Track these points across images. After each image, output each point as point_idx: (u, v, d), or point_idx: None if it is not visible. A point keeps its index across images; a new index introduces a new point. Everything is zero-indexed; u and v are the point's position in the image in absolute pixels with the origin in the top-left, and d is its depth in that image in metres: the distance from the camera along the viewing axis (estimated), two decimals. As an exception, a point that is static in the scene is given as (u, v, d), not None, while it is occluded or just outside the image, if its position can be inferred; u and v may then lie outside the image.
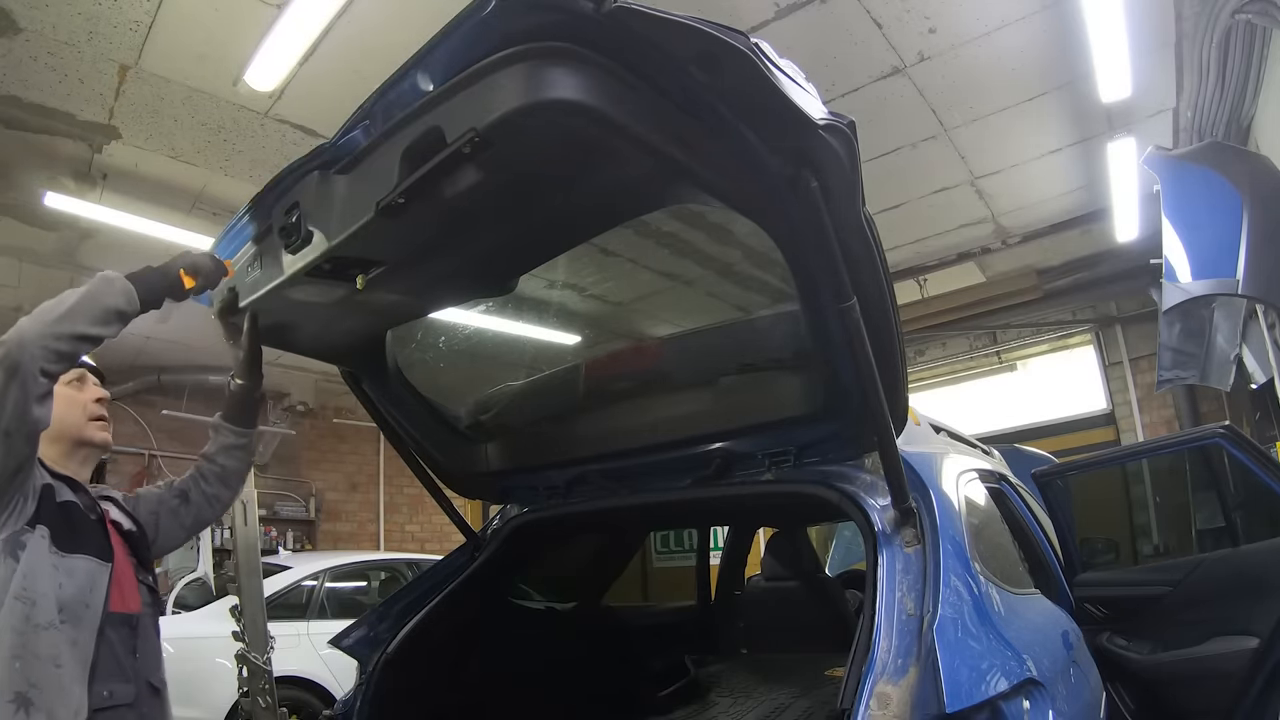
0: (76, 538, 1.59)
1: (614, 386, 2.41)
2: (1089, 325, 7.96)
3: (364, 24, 3.81)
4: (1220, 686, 2.45)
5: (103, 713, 1.53)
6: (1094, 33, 4.03)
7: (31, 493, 1.56)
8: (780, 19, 4.03)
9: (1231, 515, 3.01)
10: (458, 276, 1.86)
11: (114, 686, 1.56)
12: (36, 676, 1.44)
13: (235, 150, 4.86)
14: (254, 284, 1.80)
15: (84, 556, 1.58)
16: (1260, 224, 3.48)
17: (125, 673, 1.60)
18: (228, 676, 3.97)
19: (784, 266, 1.55)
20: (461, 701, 2.65)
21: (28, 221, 5.43)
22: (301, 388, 9.55)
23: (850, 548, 5.90)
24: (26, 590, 1.47)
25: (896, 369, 1.62)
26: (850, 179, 1.35)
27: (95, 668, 1.53)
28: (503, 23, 1.14)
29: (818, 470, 1.98)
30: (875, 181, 2.30)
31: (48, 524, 1.55)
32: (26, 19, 3.69)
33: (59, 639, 1.48)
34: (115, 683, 1.57)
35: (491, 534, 2.68)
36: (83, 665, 1.50)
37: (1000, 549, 2.14)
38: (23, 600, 1.46)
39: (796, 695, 3.07)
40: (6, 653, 1.44)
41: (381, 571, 7.08)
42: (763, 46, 1.16)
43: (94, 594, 1.57)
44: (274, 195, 1.65)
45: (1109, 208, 6.03)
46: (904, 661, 1.46)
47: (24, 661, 1.44)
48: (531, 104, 1.17)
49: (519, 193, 1.44)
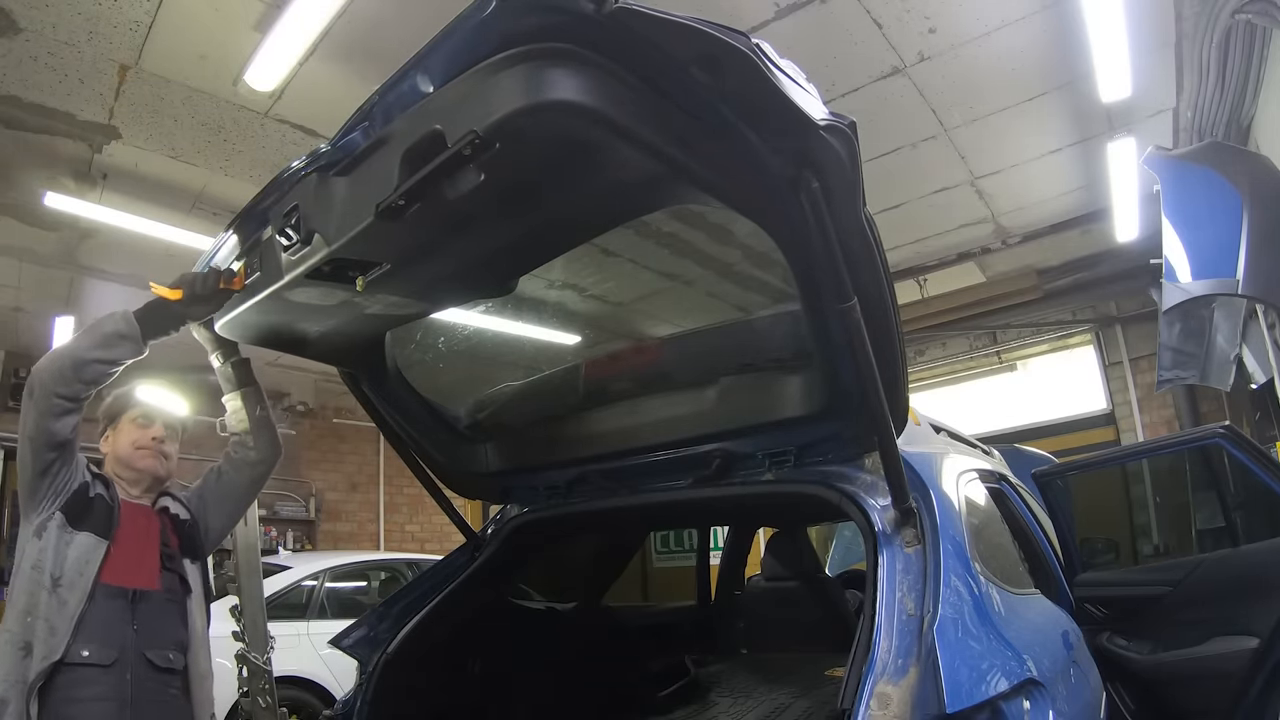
0: (83, 519, 1.90)
1: (614, 386, 2.41)
2: (1089, 325, 7.96)
3: (364, 24, 3.81)
4: (1220, 686, 2.45)
5: (74, 667, 1.78)
6: (1094, 33, 4.03)
7: (64, 490, 1.90)
8: (780, 19, 4.03)
9: (1231, 515, 3.01)
10: (458, 277, 1.86)
11: (94, 648, 1.82)
12: (36, 630, 1.77)
13: (235, 150, 4.86)
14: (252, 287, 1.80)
15: (85, 533, 1.89)
16: (1260, 224, 3.48)
17: (112, 639, 1.85)
18: (228, 676, 3.96)
19: (784, 267, 1.55)
20: (461, 701, 2.65)
21: (28, 221, 5.43)
22: (301, 388, 9.55)
23: (850, 548, 5.90)
24: (40, 561, 1.83)
25: (897, 369, 1.62)
26: (851, 179, 1.35)
27: (80, 629, 1.81)
28: (503, 24, 1.14)
29: (818, 470, 1.98)
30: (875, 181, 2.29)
31: (65, 510, 1.88)
32: (26, 19, 3.69)
33: (53, 601, 1.80)
34: (95, 645, 1.83)
35: (491, 534, 2.68)
36: (68, 623, 1.79)
37: (1000, 549, 2.14)
38: (37, 569, 1.82)
39: (796, 695, 3.07)
40: (21, 608, 1.79)
41: (381, 571, 7.07)
42: (764, 47, 1.16)
43: (88, 565, 1.86)
44: (273, 198, 1.64)
45: (1109, 208, 6.02)
46: (904, 661, 1.46)
47: (32, 616, 1.78)
48: (532, 106, 1.16)
49: (519, 194, 1.44)
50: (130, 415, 2.13)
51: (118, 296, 6.66)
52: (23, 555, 1.85)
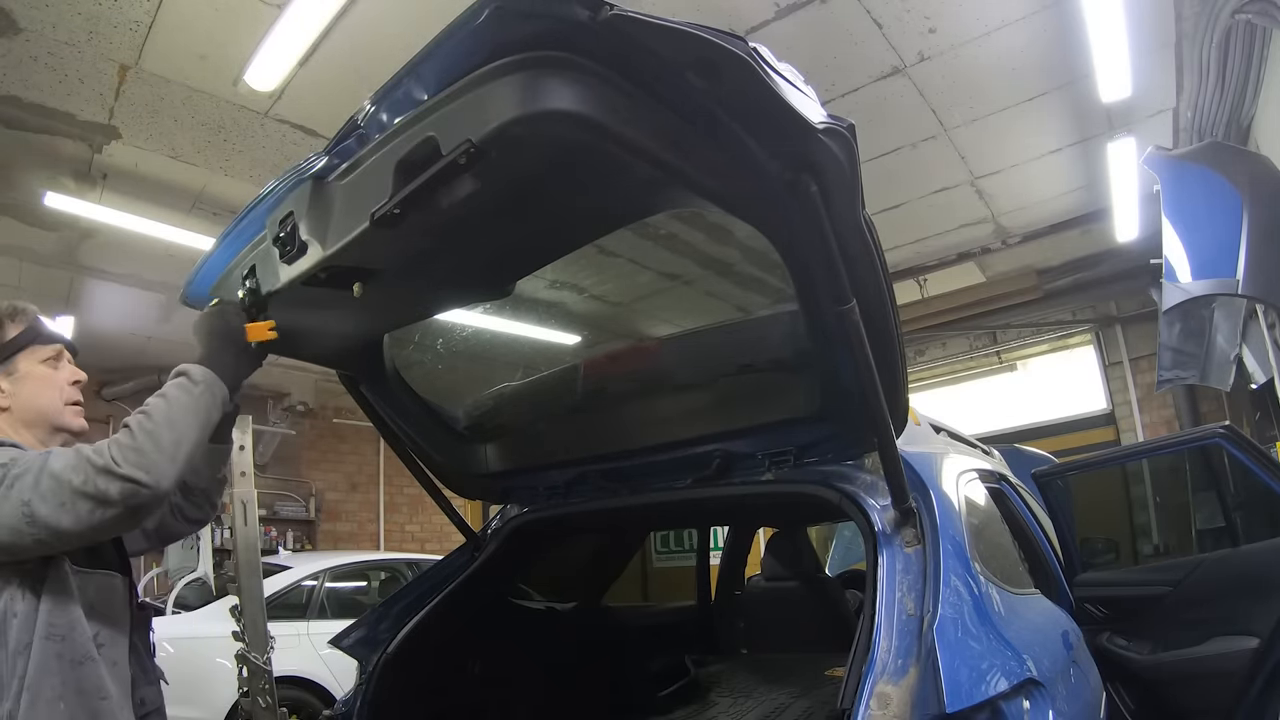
0: (94, 551, 1.44)
1: (614, 386, 2.41)
2: (1089, 325, 7.96)
3: (364, 24, 3.81)
4: (1220, 686, 2.45)
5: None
6: (1094, 33, 4.03)
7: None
8: (780, 19, 4.03)
9: (1231, 515, 3.01)
10: (455, 282, 1.85)
11: (145, 693, 1.51)
12: (85, 714, 1.31)
13: (235, 150, 4.86)
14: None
15: (105, 573, 1.45)
16: (1260, 224, 3.48)
17: (149, 675, 1.55)
18: (228, 676, 3.96)
19: (783, 268, 1.55)
20: (461, 701, 2.65)
21: (28, 221, 5.44)
22: (301, 388, 9.55)
23: (850, 548, 5.90)
24: (54, 626, 1.31)
25: (896, 370, 1.62)
26: (850, 182, 1.34)
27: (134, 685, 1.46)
28: (497, 32, 1.12)
29: (818, 470, 1.98)
30: (875, 181, 2.30)
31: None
32: (26, 19, 3.69)
33: (100, 670, 1.36)
34: (144, 688, 1.51)
35: (491, 534, 2.68)
36: (124, 687, 1.41)
37: (1000, 549, 2.14)
38: (52, 639, 1.30)
39: (796, 695, 3.08)
40: (50, 694, 1.28)
41: (381, 571, 7.08)
42: (761, 51, 1.15)
43: (121, 610, 1.47)
44: (268, 204, 1.63)
45: (1109, 208, 6.03)
46: (904, 661, 1.46)
47: (68, 702, 1.30)
48: (528, 115, 1.15)
49: (516, 201, 1.43)
50: (40, 353, 1.56)
51: (118, 296, 6.67)
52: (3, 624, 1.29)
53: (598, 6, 1.05)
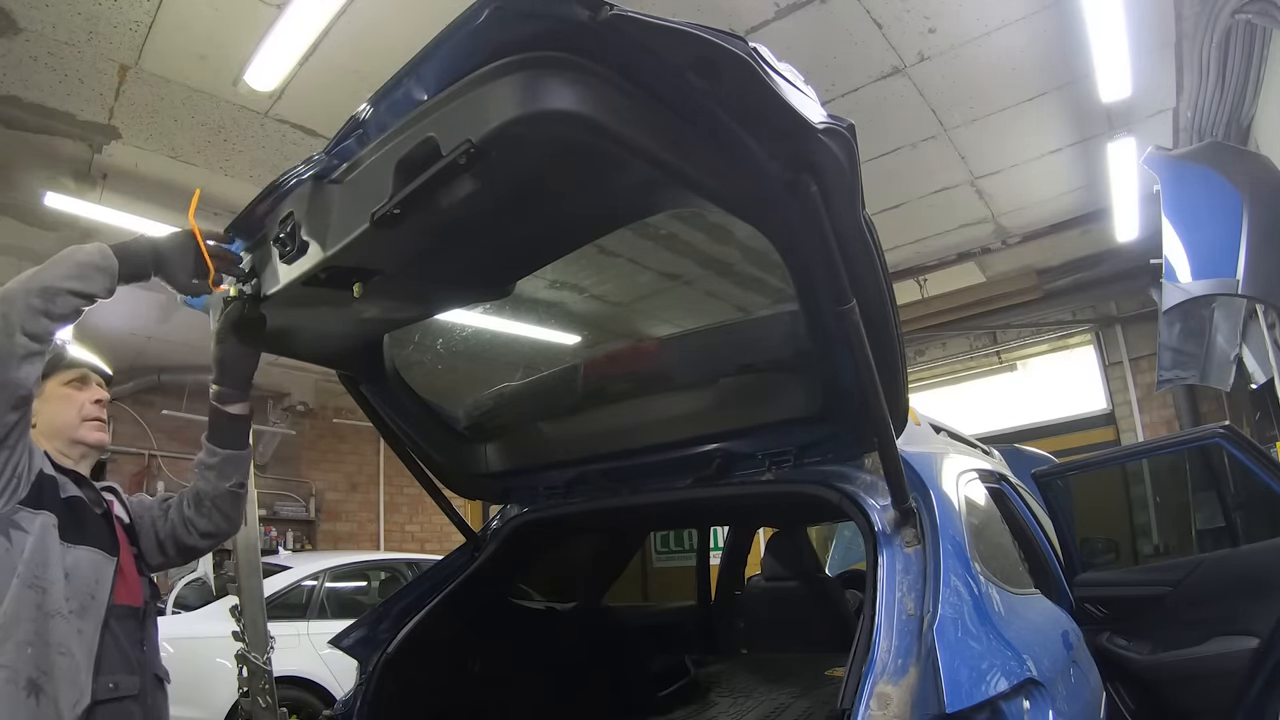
0: (84, 530, 1.60)
1: (614, 386, 2.41)
2: (1089, 325, 7.96)
3: (364, 24, 3.81)
4: (1220, 686, 2.45)
5: (107, 704, 1.54)
6: (1094, 33, 4.03)
7: (26, 475, 1.54)
8: (780, 19, 4.03)
9: (1231, 515, 3.01)
10: (455, 282, 1.85)
11: (119, 678, 1.58)
12: (47, 664, 1.45)
13: (235, 150, 4.86)
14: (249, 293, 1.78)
15: (90, 549, 1.59)
16: (1260, 224, 3.48)
17: (130, 665, 1.62)
18: (228, 676, 3.97)
19: (783, 268, 1.55)
20: (461, 701, 2.65)
21: (28, 221, 5.43)
22: (301, 388, 9.55)
23: (850, 548, 5.91)
24: (38, 578, 1.47)
25: (896, 370, 1.62)
26: (850, 182, 1.34)
27: (100, 659, 1.54)
28: (496, 32, 1.12)
29: (818, 470, 1.98)
30: (875, 181, 2.30)
31: (55, 513, 1.55)
32: (26, 19, 3.69)
33: (67, 628, 1.49)
34: (120, 674, 1.58)
35: (491, 534, 2.68)
36: (88, 655, 1.51)
37: (1000, 549, 2.14)
38: (35, 588, 1.47)
39: (796, 695, 3.08)
40: (21, 638, 1.44)
41: (381, 571, 7.09)
42: (761, 51, 1.15)
43: (100, 586, 1.58)
44: (268, 205, 1.63)
45: (1109, 208, 6.03)
46: (904, 661, 1.46)
47: (35, 648, 1.44)
48: (528, 115, 1.15)
49: (516, 201, 1.43)
50: (63, 377, 1.75)
51: (118, 296, 6.65)
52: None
53: (598, 6, 1.05)
